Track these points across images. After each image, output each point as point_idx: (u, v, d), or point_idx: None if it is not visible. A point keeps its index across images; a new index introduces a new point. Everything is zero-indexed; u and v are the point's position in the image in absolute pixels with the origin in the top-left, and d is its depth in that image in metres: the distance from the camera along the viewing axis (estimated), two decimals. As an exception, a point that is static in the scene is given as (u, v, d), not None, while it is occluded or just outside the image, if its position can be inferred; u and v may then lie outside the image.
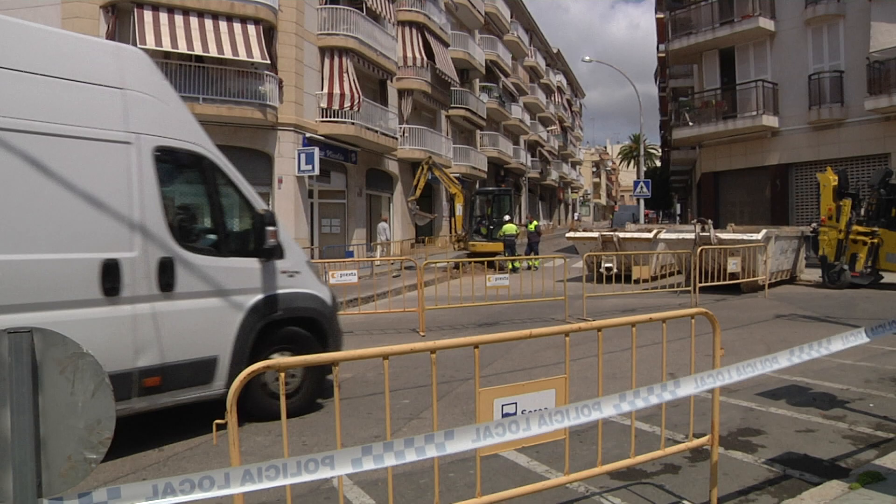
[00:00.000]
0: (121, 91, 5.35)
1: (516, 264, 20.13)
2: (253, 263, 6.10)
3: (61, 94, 4.99)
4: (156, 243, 5.39)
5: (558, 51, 72.32)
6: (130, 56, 5.61)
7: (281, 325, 6.28)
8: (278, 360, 3.00)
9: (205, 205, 6.12)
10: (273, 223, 6.08)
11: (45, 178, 4.83)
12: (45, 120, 4.86)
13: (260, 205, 6.24)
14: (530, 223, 29.10)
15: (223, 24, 20.23)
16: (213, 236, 6.07)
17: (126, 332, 5.18)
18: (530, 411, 3.35)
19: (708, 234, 15.94)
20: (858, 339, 3.99)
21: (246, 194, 6.23)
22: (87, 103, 5.13)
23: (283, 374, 3.10)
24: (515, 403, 3.45)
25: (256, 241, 6.07)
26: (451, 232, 30.78)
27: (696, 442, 4.29)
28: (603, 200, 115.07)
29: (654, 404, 3.27)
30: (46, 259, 4.81)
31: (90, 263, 5.01)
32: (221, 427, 2.85)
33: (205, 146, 5.96)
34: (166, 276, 5.43)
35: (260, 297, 6.09)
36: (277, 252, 6.22)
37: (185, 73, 20.09)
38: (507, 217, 26.35)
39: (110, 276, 5.09)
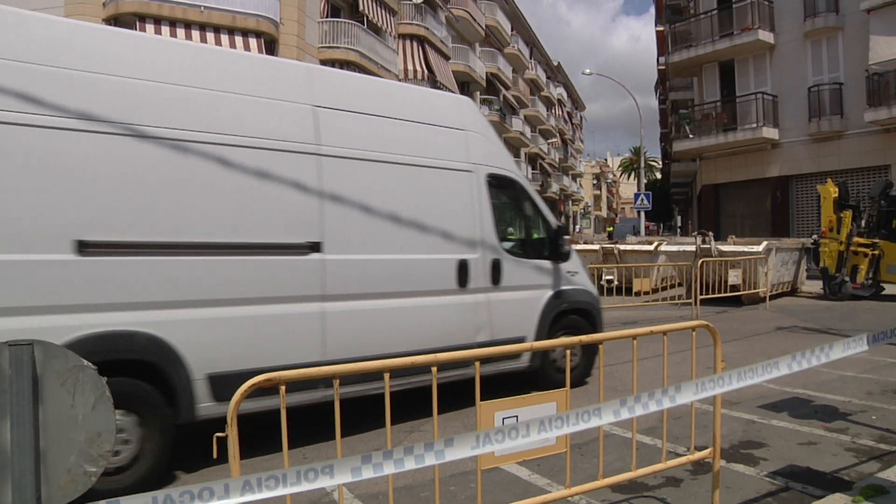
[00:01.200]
0: (463, 132, 6.92)
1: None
2: (548, 265, 7.51)
3: (430, 136, 6.60)
4: (489, 248, 6.89)
5: (559, 63, 72.62)
6: (467, 103, 7.35)
7: (566, 314, 7.62)
8: (280, 373, 3.00)
9: (517, 218, 7.87)
10: (567, 233, 7.73)
11: (423, 197, 6.43)
12: (421, 155, 6.45)
13: (553, 219, 7.74)
14: None
15: (225, 38, 20.35)
16: (522, 242, 7.70)
17: (471, 314, 6.69)
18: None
19: (709, 246, 15.93)
20: (859, 345, 3.99)
21: (543, 210, 7.67)
22: (445, 142, 6.72)
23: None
24: (516, 416, 3.44)
25: (552, 247, 7.57)
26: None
27: (697, 455, 4.27)
28: (604, 213, 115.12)
29: (654, 410, 3.26)
30: (424, 259, 6.38)
31: (451, 262, 6.55)
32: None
33: (516, 172, 7.53)
34: (496, 273, 6.91)
35: (553, 291, 7.48)
36: (566, 256, 7.65)
37: (187, 86, 20.18)
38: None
39: (463, 272, 6.61)
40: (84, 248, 4.58)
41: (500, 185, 7.23)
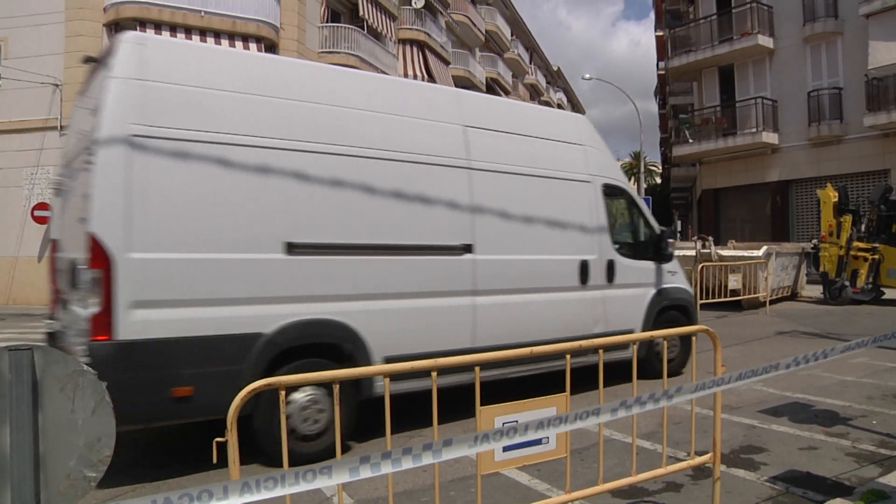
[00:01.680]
0: (581, 147, 7.77)
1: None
2: (652, 265, 8.33)
3: (556, 151, 7.45)
4: (605, 250, 7.70)
5: (558, 68, 72.71)
6: (584, 121, 8.31)
7: (667, 309, 8.44)
8: (279, 378, 3.01)
9: (626, 223, 8.59)
10: (670, 237, 8.59)
11: (551, 205, 7.24)
12: (550, 168, 7.29)
13: (657, 224, 8.55)
14: None
15: (225, 42, 20.37)
16: (631, 245, 8.37)
17: (590, 308, 7.49)
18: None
19: (709, 250, 15.95)
20: (858, 347, 3.99)
21: (648, 217, 8.53)
22: (567, 156, 7.57)
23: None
24: (517, 421, 3.44)
25: (656, 250, 8.36)
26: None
27: (697, 460, 4.27)
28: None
29: (651, 409, 3.26)
30: (554, 259, 7.24)
31: (575, 262, 7.39)
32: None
33: (625, 183, 8.39)
34: (610, 272, 7.71)
35: (657, 289, 8.32)
36: (668, 258, 8.49)
37: (187, 91, 20.18)
38: None
39: (584, 271, 7.43)
40: (292, 248, 5.46)
41: (612, 194, 8.04)
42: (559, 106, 73.17)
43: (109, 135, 4.85)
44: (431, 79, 31.97)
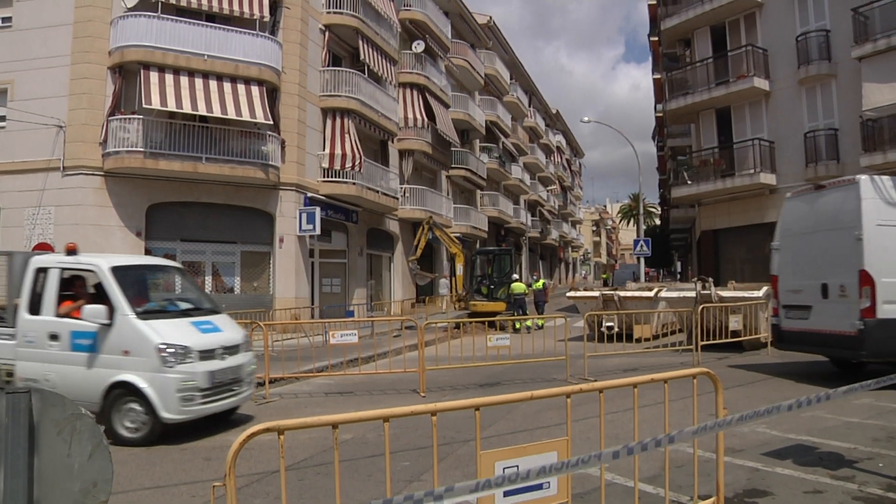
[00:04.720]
0: None
1: (517, 325, 20.08)
2: None
3: None
4: None
5: (557, 111, 73.49)
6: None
7: None
8: (278, 422, 2.98)
9: None
10: None
11: None
12: None
13: None
14: (537, 281, 29.04)
15: (227, 86, 20.63)
16: None
17: None
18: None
19: (709, 291, 15.92)
20: (862, 390, 3.95)
21: None
22: None
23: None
24: (517, 466, 3.40)
25: None
26: (451, 292, 30.80)
27: (701, 504, 4.21)
28: (603, 259, 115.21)
29: (651, 452, 3.22)
30: None
31: None
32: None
33: None
34: None
35: None
36: None
37: (189, 132, 20.40)
38: (515, 276, 26.35)
39: None
40: None
41: None
42: (558, 148, 73.87)
43: (868, 226, 10.13)
44: (432, 121, 32.33)
